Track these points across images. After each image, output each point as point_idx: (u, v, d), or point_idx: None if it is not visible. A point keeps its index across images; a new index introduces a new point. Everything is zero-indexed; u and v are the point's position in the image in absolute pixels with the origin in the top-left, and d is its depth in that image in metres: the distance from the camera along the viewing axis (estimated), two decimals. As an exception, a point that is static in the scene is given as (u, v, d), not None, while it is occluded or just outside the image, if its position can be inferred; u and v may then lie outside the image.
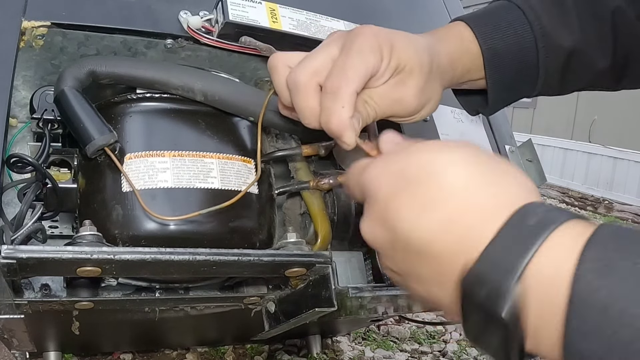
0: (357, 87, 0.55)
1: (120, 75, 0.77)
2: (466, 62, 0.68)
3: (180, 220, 0.74)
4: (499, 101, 0.73)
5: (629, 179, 5.32)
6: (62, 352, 1.23)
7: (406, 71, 0.59)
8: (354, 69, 0.55)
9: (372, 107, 0.59)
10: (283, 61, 0.60)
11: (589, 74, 0.73)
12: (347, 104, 0.55)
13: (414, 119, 0.64)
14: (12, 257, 0.61)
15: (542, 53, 0.69)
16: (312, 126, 0.58)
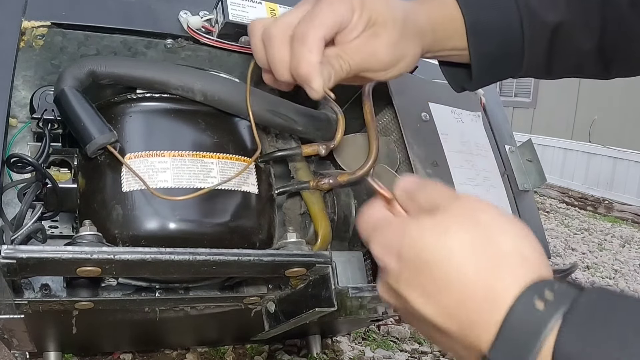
0: (325, 33, 0.56)
1: (120, 75, 0.77)
2: (448, 28, 0.67)
3: (180, 219, 0.74)
4: (483, 76, 0.72)
5: (629, 179, 5.33)
6: (62, 352, 1.23)
7: (379, 24, 0.59)
8: (322, 16, 0.56)
9: (346, 60, 0.59)
10: (260, 22, 0.62)
11: (575, 54, 0.72)
12: (315, 49, 0.55)
13: (389, 73, 0.64)
14: (12, 257, 0.61)
15: (526, 28, 0.68)
16: (285, 78, 0.59)
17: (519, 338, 0.38)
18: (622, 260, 3.30)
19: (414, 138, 0.92)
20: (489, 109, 1.09)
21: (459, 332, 0.42)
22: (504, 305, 0.40)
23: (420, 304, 0.44)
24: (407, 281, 0.44)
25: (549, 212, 4.55)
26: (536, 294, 0.39)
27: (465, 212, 0.45)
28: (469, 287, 0.41)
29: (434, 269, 0.43)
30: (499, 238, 0.43)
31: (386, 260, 0.46)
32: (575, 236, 3.78)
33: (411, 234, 0.45)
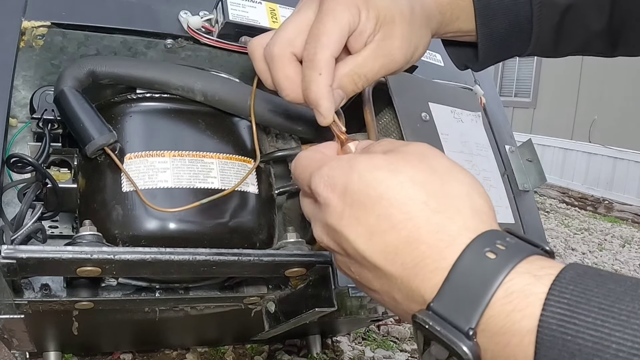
0: (333, 50, 0.53)
1: (120, 75, 0.77)
2: (455, 9, 0.65)
3: (180, 219, 0.74)
4: (489, 56, 0.70)
5: (629, 179, 5.33)
6: (62, 352, 1.23)
7: (388, 21, 0.56)
8: (327, 33, 0.53)
9: (363, 75, 0.57)
10: (259, 42, 0.58)
11: (584, 34, 0.71)
12: (324, 71, 0.53)
13: (403, 69, 0.61)
14: (12, 257, 0.61)
15: (536, 8, 0.67)
16: (291, 99, 0.56)
17: (466, 288, 0.37)
18: (622, 260, 3.30)
19: (414, 138, 0.92)
20: (489, 109, 1.09)
21: (401, 275, 0.40)
22: (452, 252, 0.38)
23: (362, 243, 0.42)
24: (350, 218, 0.42)
25: (549, 212, 4.55)
26: (487, 243, 0.38)
27: (420, 156, 0.44)
28: (417, 227, 0.40)
29: (381, 205, 0.41)
30: (452, 185, 0.42)
31: (329, 196, 0.44)
32: (575, 236, 3.78)
33: (360, 169, 0.43)
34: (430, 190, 0.41)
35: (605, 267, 3.10)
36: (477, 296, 0.36)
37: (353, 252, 0.43)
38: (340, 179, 0.43)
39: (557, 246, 3.39)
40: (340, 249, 0.45)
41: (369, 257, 0.42)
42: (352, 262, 0.44)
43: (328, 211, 0.44)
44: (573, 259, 3.17)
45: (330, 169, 0.45)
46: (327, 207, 0.44)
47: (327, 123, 0.55)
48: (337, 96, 0.56)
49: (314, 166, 0.47)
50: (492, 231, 0.39)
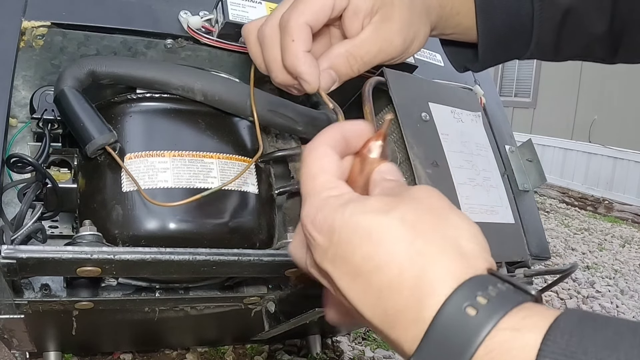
0: (310, 19, 0.51)
1: (120, 75, 0.77)
2: (456, 4, 0.64)
3: (180, 219, 0.74)
4: (489, 55, 0.69)
5: (629, 179, 5.33)
6: (62, 352, 1.23)
7: (387, 4, 0.54)
8: (306, 2, 0.51)
9: (359, 57, 0.55)
10: (254, 25, 0.57)
11: (585, 37, 0.70)
12: (296, 36, 0.51)
13: (401, 59, 0.60)
14: (12, 257, 0.61)
15: (537, 7, 0.66)
16: (280, 80, 0.55)
17: (446, 346, 0.35)
18: (622, 260, 3.30)
19: (414, 138, 0.92)
20: (489, 109, 1.09)
21: (382, 322, 0.38)
22: (432, 302, 0.36)
23: (346, 282, 0.40)
24: (335, 257, 0.40)
25: (549, 212, 4.55)
26: (469, 296, 0.35)
27: (419, 196, 0.41)
28: (400, 271, 0.37)
29: (369, 244, 0.39)
30: (443, 226, 0.39)
31: (313, 234, 0.42)
32: (575, 236, 3.78)
33: (352, 208, 0.41)
34: (420, 229, 0.38)
35: (605, 267, 3.11)
36: (456, 356, 0.34)
37: (336, 290, 0.42)
38: (329, 218, 0.41)
39: (557, 246, 3.39)
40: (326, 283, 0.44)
41: (350, 299, 0.40)
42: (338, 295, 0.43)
43: (313, 248, 0.42)
44: (573, 258, 3.17)
45: (322, 207, 0.42)
46: (311, 244, 0.43)
47: (315, 87, 0.53)
48: (329, 77, 0.54)
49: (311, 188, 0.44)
50: (475, 279, 0.36)
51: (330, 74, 0.54)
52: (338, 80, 0.55)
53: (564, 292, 2.53)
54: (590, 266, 3.08)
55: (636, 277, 3.01)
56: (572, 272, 1.02)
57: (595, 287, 2.70)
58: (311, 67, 0.52)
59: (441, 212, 0.40)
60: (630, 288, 2.77)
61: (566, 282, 2.60)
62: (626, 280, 2.92)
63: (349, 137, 0.46)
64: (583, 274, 2.89)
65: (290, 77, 0.54)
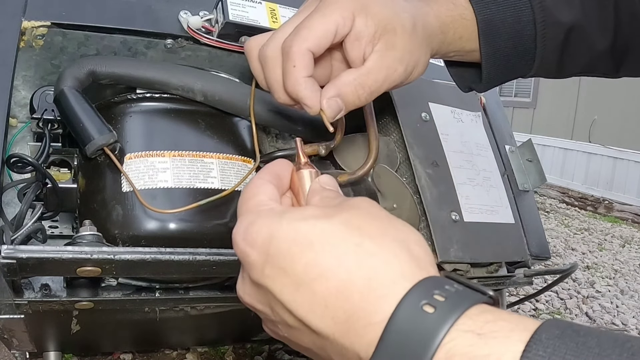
0: (312, 45, 0.52)
1: (120, 75, 0.77)
2: (458, 28, 0.64)
3: (180, 219, 0.74)
4: (493, 77, 0.69)
5: (629, 179, 5.33)
6: (62, 352, 1.23)
7: (389, 30, 0.55)
8: (309, 27, 0.52)
9: (367, 87, 0.55)
10: (256, 43, 0.57)
11: (588, 54, 0.70)
12: (298, 62, 0.51)
13: (402, 85, 0.60)
14: (12, 257, 0.61)
15: (540, 28, 0.65)
16: (282, 101, 0.55)
17: (403, 349, 0.33)
18: (622, 260, 3.30)
19: (414, 138, 0.92)
20: (489, 109, 1.09)
21: (333, 331, 0.36)
22: (386, 304, 0.34)
23: (288, 294, 0.37)
24: (274, 269, 0.38)
25: (549, 212, 4.55)
26: (425, 295, 0.34)
27: (359, 205, 0.40)
28: (348, 273, 0.35)
29: (311, 251, 0.37)
30: (389, 230, 0.38)
31: (247, 250, 0.39)
32: (575, 236, 3.78)
33: (291, 217, 0.39)
34: (366, 232, 0.37)
35: (605, 267, 3.11)
36: (415, 359, 0.32)
37: (279, 308, 0.39)
38: (264, 230, 0.39)
39: (557, 246, 3.39)
40: (266, 307, 0.41)
41: (295, 312, 0.37)
42: (279, 320, 0.40)
43: (248, 266, 0.40)
44: (573, 258, 3.17)
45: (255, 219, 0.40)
46: (245, 263, 0.40)
47: (316, 111, 0.53)
48: (335, 105, 0.53)
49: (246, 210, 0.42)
50: (430, 278, 0.35)
51: (337, 103, 0.54)
52: (344, 109, 0.55)
53: (564, 292, 2.53)
54: (590, 266, 3.07)
55: (636, 277, 3.01)
56: (572, 272, 1.02)
57: (595, 287, 2.70)
58: (312, 92, 0.52)
59: (385, 218, 0.39)
60: (630, 288, 2.77)
61: (566, 282, 2.60)
62: (626, 280, 2.92)
63: (277, 172, 0.46)
64: (583, 274, 2.89)
65: (292, 99, 0.55)
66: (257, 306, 0.42)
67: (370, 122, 0.88)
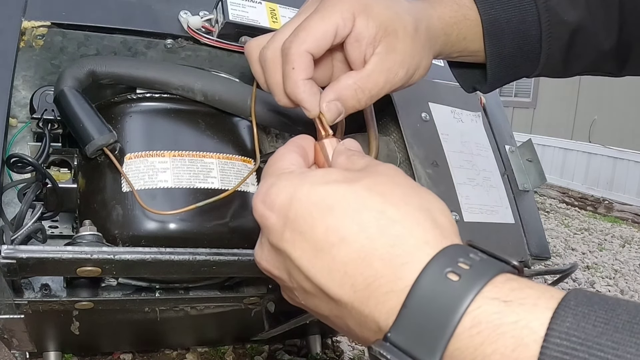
0: (311, 47, 0.51)
1: (120, 75, 0.77)
2: (462, 29, 0.63)
3: (180, 219, 0.74)
4: (498, 77, 0.69)
5: (629, 179, 5.33)
6: (62, 352, 1.23)
7: (390, 33, 0.54)
8: (308, 29, 0.51)
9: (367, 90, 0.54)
10: (256, 44, 0.56)
11: (593, 54, 0.69)
12: (297, 64, 0.51)
13: (402, 88, 0.59)
14: (12, 257, 0.61)
15: (545, 28, 0.65)
16: (283, 103, 0.55)
17: (427, 316, 0.32)
18: (622, 260, 3.30)
19: (414, 138, 0.92)
20: (489, 109, 1.09)
21: (352, 299, 0.35)
22: (409, 271, 0.33)
23: (307, 260, 0.36)
24: (294, 233, 0.37)
25: (549, 212, 4.55)
26: (449, 262, 0.33)
27: (383, 172, 0.39)
28: (370, 240, 0.35)
29: (332, 216, 0.36)
30: (413, 198, 0.37)
31: (265, 213, 0.39)
32: (575, 236, 3.78)
33: (312, 181, 0.38)
34: (389, 199, 0.36)
35: (605, 267, 3.11)
36: (440, 326, 0.31)
37: (297, 274, 0.38)
38: (283, 193, 0.38)
39: (557, 246, 3.39)
40: (283, 273, 0.40)
41: (313, 278, 0.37)
42: (297, 287, 0.39)
43: (267, 230, 0.40)
44: (573, 258, 3.17)
45: (276, 181, 0.40)
46: (264, 226, 0.40)
47: (315, 115, 0.53)
48: (335, 109, 0.53)
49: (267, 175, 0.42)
50: (454, 246, 0.35)
51: (336, 106, 0.53)
52: (344, 112, 0.54)
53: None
54: (590, 266, 3.07)
55: (636, 277, 3.01)
56: (572, 272, 1.02)
57: (595, 287, 2.70)
58: (310, 95, 0.52)
59: (410, 186, 0.39)
60: (630, 288, 2.77)
61: (566, 282, 2.60)
62: (626, 280, 2.92)
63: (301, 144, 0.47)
64: (583, 274, 2.89)
65: (291, 101, 0.54)
66: (274, 272, 0.41)
67: (370, 122, 0.88)
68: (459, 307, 0.31)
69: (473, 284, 0.32)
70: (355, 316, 0.36)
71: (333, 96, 0.53)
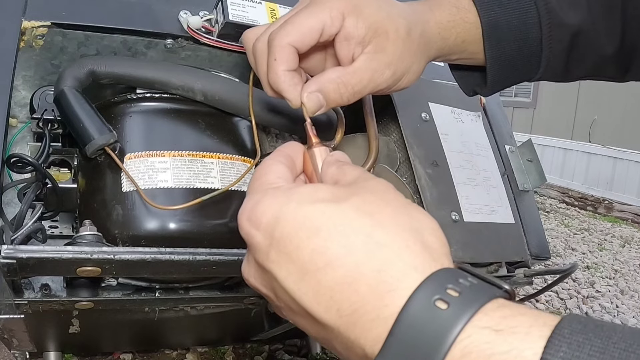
0: (295, 40, 0.51)
1: (120, 75, 0.77)
2: (461, 31, 0.63)
3: (180, 219, 0.74)
4: (498, 80, 0.68)
5: (629, 179, 5.32)
6: (62, 352, 1.23)
7: (381, 34, 0.54)
8: (294, 23, 0.52)
9: (350, 85, 0.54)
10: (253, 35, 0.57)
11: (595, 58, 0.69)
12: (279, 56, 0.51)
13: (390, 91, 0.59)
14: (12, 257, 0.61)
15: (546, 30, 0.64)
16: (270, 94, 0.55)
17: (415, 345, 0.31)
18: (622, 260, 3.30)
19: (414, 138, 0.92)
20: (489, 109, 1.09)
21: (337, 324, 0.34)
22: (396, 298, 0.32)
23: (292, 283, 0.36)
24: (280, 254, 0.36)
25: (549, 212, 4.55)
26: (437, 290, 0.32)
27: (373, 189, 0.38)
28: (356, 265, 0.34)
29: (318, 238, 0.35)
30: (403, 218, 0.36)
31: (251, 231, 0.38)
32: (575, 236, 3.78)
33: (299, 199, 0.37)
34: (378, 220, 0.35)
35: (605, 267, 3.11)
36: (427, 356, 0.30)
37: (283, 295, 0.37)
38: (269, 211, 0.37)
39: (557, 246, 3.39)
40: (270, 292, 0.40)
41: (299, 300, 0.36)
42: (284, 306, 0.39)
43: (252, 248, 0.39)
44: (573, 258, 3.17)
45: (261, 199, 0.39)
46: (250, 245, 0.39)
47: (296, 105, 0.53)
48: (316, 100, 0.53)
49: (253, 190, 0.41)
50: (443, 271, 0.33)
51: (318, 97, 0.53)
52: (325, 105, 0.54)
53: (564, 292, 2.53)
54: (590, 266, 3.07)
55: (636, 277, 3.01)
56: (572, 272, 1.02)
57: (595, 287, 2.70)
58: (291, 86, 0.52)
59: (400, 205, 0.38)
60: (630, 288, 2.77)
61: (566, 282, 2.60)
62: (626, 280, 2.92)
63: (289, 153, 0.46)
64: (583, 274, 2.89)
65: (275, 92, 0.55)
66: (261, 290, 0.41)
67: (370, 122, 0.88)
68: (447, 336, 0.30)
69: (462, 313, 0.31)
70: (341, 340, 0.35)
71: (315, 88, 0.53)
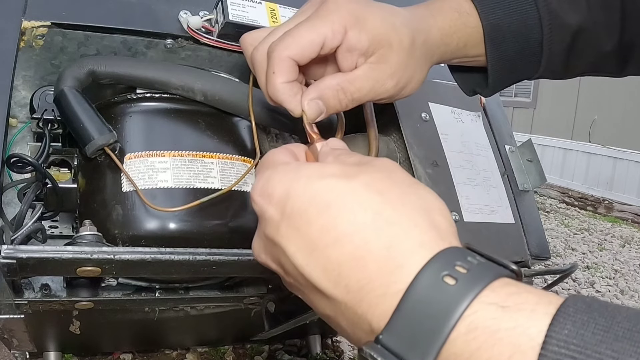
0: (294, 53, 0.51)
1: (120, 75, 0.77)
2: (462, 36, 0.63)
3: (180, 219, 0.74)
4: (499, 81, 0.68)
5: (629, 179, 5.32)
6: (62, 352, 1.23)
7: (384, 45, 0.54)
8: (294, 35, 0.52)
9: (350, 93, 0.54)
10: (252, 40, 0.57)
11: (594, 55, 0.69)
12: (277, 69, 0.51)
13: (392, 100, 0.60)
14: (12, 257, 0.61)
15: (546, 31, 0.65)
16: (271, 102, 0.55)
17: (421, 320, 0.31)
18: (622, 260, 3.30)
19: (414, 138, 0.92)
20: (489, 109, 1.09)
21: (345, 299, 0.35)
22: (404, 274, 0.33)
23: (301, 258, 0.36)
24: (289, 229, 0.37)
25: (549, 212, 4.55)
26: (446, 266, 0.33)
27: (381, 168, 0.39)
28: (365, 242, 0.34)
29: (327, 215, 0.35)
30: (411, 197, 0.37)
31: (263, 206, 0.39)
32: (575, 236, 3.78)
33: (308, 174, 0.37)
34: (387, 199, 0.36)
35: (605, 267, 3.11)
36: (434, 330, 0.31)
37: (292, 269, 0.38)
38: (280, 186, 0.38)
39: (557, 246, 3.39)
40: (279, 267, 0.40)
41: (307, 275, 0.36)
42: (293, 281, 0.39)
43: (264, 222, 0.40)
44: (573, 258, 3.17)
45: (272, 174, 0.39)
46: (262, 219, 0.40)
47: (297, 114, 0.53)
48: (316, 107, 0.53)
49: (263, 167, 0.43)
50: (451, 249, 0.34)
51: (317, 104, 0.53)
52: (325, 112, 0.54)
53: (564, 292, 2.53)
54: (590, 266, 3.07)
55: (636, 277, 3.01)
56: (572, 272, 1.02)
57: (595, 287, 2.70)
58: (290, 97, 0.53)
59: (408, 184, 0.38)
60: (630, 288, 2.77)
61: (566, 282, 2.60)
62: (626, 280, 2.92)
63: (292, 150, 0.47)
64: (583, 274, 2.89)
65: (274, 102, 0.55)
66: (271, 265, 0.41)
67: (370, 122, 0.88)
68: (454, 311, 0.31)
69: (470, 288, 0.31)
70: (348, 315, 0.36)
71: (315, 95, 0.53)
